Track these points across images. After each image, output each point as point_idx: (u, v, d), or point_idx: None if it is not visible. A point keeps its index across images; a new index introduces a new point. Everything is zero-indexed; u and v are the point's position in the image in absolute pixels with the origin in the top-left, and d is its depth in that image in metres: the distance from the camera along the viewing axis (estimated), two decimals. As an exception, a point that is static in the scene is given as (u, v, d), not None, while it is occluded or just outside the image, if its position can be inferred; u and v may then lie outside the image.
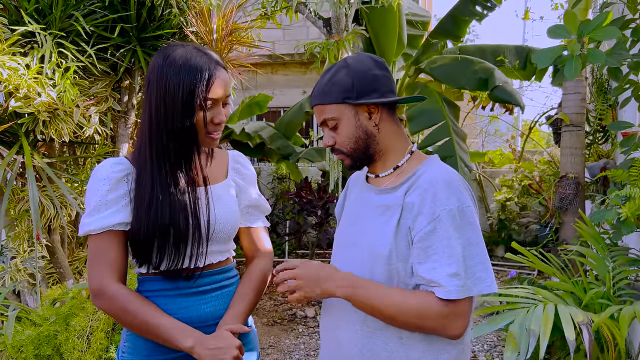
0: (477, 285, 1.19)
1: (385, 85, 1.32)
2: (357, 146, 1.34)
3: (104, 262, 1.37)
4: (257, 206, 1.62)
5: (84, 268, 3.37)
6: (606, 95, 4.22)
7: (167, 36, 2.95)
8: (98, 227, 1.36)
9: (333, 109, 1.32)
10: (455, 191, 1.24)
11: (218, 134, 1.45)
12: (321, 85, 1.34)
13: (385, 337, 1.28)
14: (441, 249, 1.20)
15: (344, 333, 1.34)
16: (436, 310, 1.19)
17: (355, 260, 1.34)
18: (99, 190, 1.38)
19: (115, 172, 1.41)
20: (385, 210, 1.31)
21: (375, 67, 1.32)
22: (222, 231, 1.47)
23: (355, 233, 1.37)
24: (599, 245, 2.83)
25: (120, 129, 3.16)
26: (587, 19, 2.15)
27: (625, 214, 2.27)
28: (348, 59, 1.34)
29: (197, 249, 1.43)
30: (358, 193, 1.46)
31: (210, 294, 1.48)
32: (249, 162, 1.65)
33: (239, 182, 1.58)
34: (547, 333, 2.00)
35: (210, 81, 1.38)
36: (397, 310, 1.21)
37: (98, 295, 1.36)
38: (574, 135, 3.54)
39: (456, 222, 1.20)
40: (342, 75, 1.31)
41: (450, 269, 1.18)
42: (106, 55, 2.82)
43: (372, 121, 1.33)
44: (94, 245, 1.38)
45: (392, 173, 1.36)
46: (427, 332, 1.23)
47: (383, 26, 5.53)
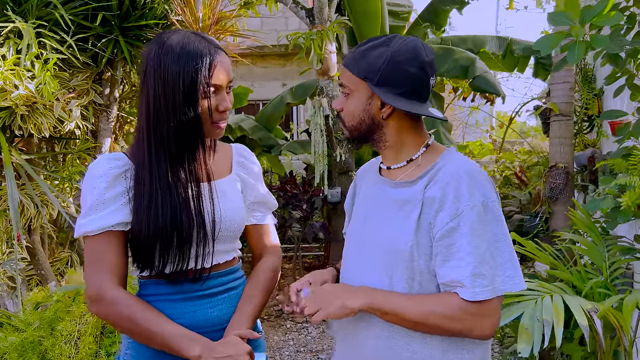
0: (505, 283, 1.13)
1: (412, 85, 1.21)
2: (359, 127, 1.27)
3: (102, 265, 1.27)
4: (264, 202, 1.54)
5: (66, 269, 3.24)
6: (591, 85, 4.24)
7: (151, 25, 2.82)
8: (96, 228, 1.26)
9: (352, 79, 1.25)
10: (478, 185, 1.17)
11: (224, 122, 1.36)
12: (358, 50, 1.25)
13: (407, 338, 1.22)
14: (465, 247, 1.13)
15: (364, 334, 1.28)
16: (462, 313, 1.13)
17: (373, 257, 1.27)
18: (96, 188, 1.28)
19: (112, 168, 1.31)
20: (403, 205, 1.24)
21: (415, 63, 1.20)
22: (228, 229, 1.39)
23: (370, 229, 1.30)
24: (594, 234, 2.83)
25: (102, 124, 3.02)
26: (589, 5, 2.11)
27: (626, 203, 2.26)
28: (397, 40, 1.22)
29: (203, 248, 1.34)
30: (370, 186, 1.38)
31: (217, 297, 1.40)
32: (254, 156, 1.56)
33: (244, 177, 1.49)
34: (560, 322, 1.98)
35: (212, 66, 1.29)
36: (422, 317, 1.15)
37: (97, 301, 1.26)
38: (563, 124, 3.54)
39: (481, 217, 1.14)
40: (378, 53, 1.21)
41: (474, 268, 1.12)
42: (87, 46, 2.68)
43: (381, 112, 1.24)
44: (91, 247, 1.28)
45: (406, 166, 1.28)
46: (456, 335, 1.18)
47: (365, 17, 5.47)
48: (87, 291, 1.27)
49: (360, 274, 1.27)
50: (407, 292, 1.21)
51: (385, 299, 1.18)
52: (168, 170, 1.31)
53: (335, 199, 4.93)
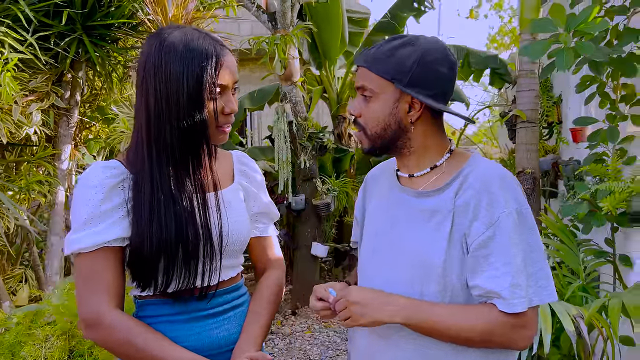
0: (539, 294, 1.09)
1: (443, 86, 1.16)
2: (384, 134, 1.19)
3: (98, 285, 1.14)
4: (267, 213, 1.44)
5: (19, 287, 2.98)
6: (549, 93, 4.39)
7: (118, 24, 2.65)
8: (90, 244, 1.13)
9: (377, 80, 1.16)
10: (512, 190, 1.13)
11: (229, 126, 1.26)
12: (380, 50, 1.17)
13: (438, 348, 1.15)
14: (502, 257, 1.08)
15: (394, 344, 1.20)
16: (501, 326, 1.08)
17: (401, 270, 1.19)
18: (91, 200, 1.15)
19: (108, 177, 1.18)
20: (432, 216, 1.17)
21: (445, 64, 1.16)
22: (235, 243, 1.29)
23: (397, 240, 1.22)
24: (567, 238, 2.89)
25: (61, 129, 2.80)
26: (573, 13, 2.15)
27: (607, 207, 2.31)
28: (422, 39, 1.17)
29: (210, 264, 1.23)
30: (387, 194, 1.30)
31: (222, 316, 1.29)
32: (255, 163, 1.46)
33: (247, 186, 1.39)
34: (548, 328, 1.99)
35: (218, 65, 1.19)
36: (460, 330, 1.09)
37: (93, 325, 1.14)
38: (529, 131, 3.62)
39: (516, 226, 1.09)
40: (406, 52, 1.14)
41: (512, 279, 1.07)
42: (49, 45, 2.47)
43: (409, 116, 1.17)
44: (85, 265, 1.15)
45: (430, 173, 1.21)
46: (494, 347, 1.13)
47: (327, 23, 5.44)
48: (82, 314, 1.15)
49: (387, 287, 1.19)
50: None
51: (423, 313, 1.11)
52: (171, 178, 1.20)
53: (299, 207, 4.85)
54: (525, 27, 3.64)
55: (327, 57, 5.89)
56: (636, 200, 2.31)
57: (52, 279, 2.83)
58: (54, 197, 2.77)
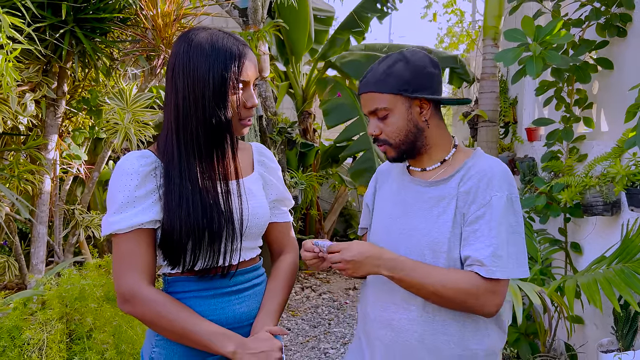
0: (516, 269, 1.28)
1: (436, 83, 1.38)
2: (407, 139, 1.38)
3: (133, 263, 1.26)
4: (283, 200, 1.56)
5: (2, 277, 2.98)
6: (505, 95, 4.71)
7: (111, 17, 2.70)
8: (127, 226, 1.25)
9: (387, 99, 1.34)
10: (506, 181, 1.32)
11: (250, 120, 1.38)
12: (377, 74, 1.36)
13: (443, 322, 1.33)
14: (487, 232, 1.27)
15: (401, 319, 1.37)
16: (476, 288, 1.26)
17: (413, 249, 1.36)
18: (127, 186, 1.27)
19: (142, 165, 1.29)
20: (438, 202, 1.35)
21: (431, 65, 1.37)
22: (255, 226, 1.41)
23: (406, 227, 1.39)
24: (527, 229, 3.19)
25: (49, 119, 2.82)
26: (539, 25, 2.41)
27: (564, 200, 2.59)
28: (406, 53, 1.37)
29: (232, 245, 1.36)
30: (399, 186, 1.48)
31: (244, 293, 1.41)
32: (272, 154, 1.59)
33: (266, 175, 1.51)
34: (519, 302, 2.23)
35: (241, 62, 1.30)
36: (437, 287, 1.26)
37: (129, 300, 1.25)
38: (490, 130, 3.91)
39: (505, 208, 1.29)
40: (401, 67, 1.34)
41: (495, 250, 1.26)
42: (45, 37, 2.50)
43: (422, 116, 1.37)
44: (121, 245, 1.27)
45: (440, 166, 1.41)
46: (467, 308, 1.29)
47: (295, 20, 5.58)
48: (119, 290, 1.26)
49: None
50: None
51: (406, 269, 1.28)
52: (197, 168, 1.32)
53: (268, 199, 4.97)
54: (488, 33, 3.93)
55: (294, 53, 6.03)
56: (589, 193, 2.60)
57: (37, 267, 2.86)
58: (41, 187, 2.80)
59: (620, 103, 2.71)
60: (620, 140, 2.49)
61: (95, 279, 2.41)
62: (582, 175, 2.69)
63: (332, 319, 4.66)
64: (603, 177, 2.54)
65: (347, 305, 5.02)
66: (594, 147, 2.95)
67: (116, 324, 2.35)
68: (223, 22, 6.45)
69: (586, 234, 3.03)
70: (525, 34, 2.38)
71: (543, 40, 2.36)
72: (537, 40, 2.36)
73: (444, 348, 1.33)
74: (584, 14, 2.83)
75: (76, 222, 3.22)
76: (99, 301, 2.33)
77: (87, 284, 2.33)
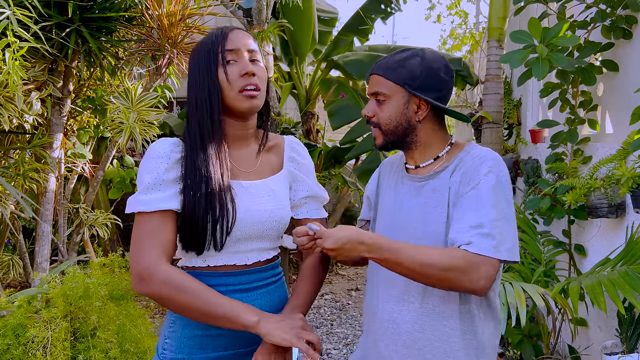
0: (506, 253, 1.24)
1: (444, 90, 1.37)
2: (396, 130, 1.38)
3: (155, 242, 1.24)
4: (315, 197, 1.52)
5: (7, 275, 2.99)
6: (509, 96, 4.71)
7: (116, 16, 2.71)
8: (153, 207, 1.25)
9: (389, 86, 1.36)
10: (496, 166, 1.31)
11: (253, 90, 1.32)
12: (390, 61, 1.37)
13: (444, 313, 1.34)
14: (474, 210, 1.25)
15: (401, 311, 1.38)
16: (462, 261, 1.20)
17: (412, 241, 1.36)
18: (157, 168, 1.28)
19: (174, 152, 1.31)
20: (432, 193, 1.36)
21: (445, 71, 1.37)
22: (272, 228, 1.40)
23: (404, 220, 1.40)
24: (530, 230, 3.18)
25: (54, 118, 2.83)
26: (546, 27, 2.41)
27: (569, 201, 2.59)
28: (426, 51, 1.38)
29: (246, 245, 1.36)
30: (397, 181, 1.49)
31: (256, 291, 1.41)
32: (305, 149, 1.55)
33: (295, 172, 1.49)
34: (523, 304, 2.23)
35: (225, 35, 1.32)
36: (422, 264, 1.21)
37: (147, 278, 1.21)
38: (494, 131, 3.91)
39: (494, 189, 1.27)
40: (415, 62, 1.34)
41: (480, 226, 1.23)
42: (51, 35, 2.51)
43: (417, 115, 1.37)
44: (144, 224, 1.26)
45: (433, 163, 1.42)
46: (455, 285, 1.23)
47: (299, 21, 5.58)
48: (137, 268, 1.22)
49: None
50: None
51: (389, 251, 1.23)
52: (205, 161, 1.32)
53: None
54: (492, 35, 3.93)
55: (298, 54, 6.04)
56: (594, 195, 2.60)
57: (42, 265, 2.86)
58: (46, 185, 2.81)
59: (626, 105, 2.70)
60: (626, 142, 2.48)
61: (100, 278, 2.42)
62: (587, 177, 2.68)
63: (334, 319, 4.66)
64: (608, 179, 2.54)
65: (349, 306, 5.02)
66: (599, 149, 2.94)
67: (120, 322, 2.35)
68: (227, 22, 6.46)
69: (590, 236, 3.03)
70: (532, 36, 2.38)
71: (549, 43, 2.36)
72: (543, 42, 2.35)
73: (445, 339, 1.33)
74: (590, 16, 2.82)
75: (80, 220, 3.22)
76: (103, 300, 2.34)
77: (92, 282, 2.33)
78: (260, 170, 1.42)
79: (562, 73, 2.69)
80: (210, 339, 1.35)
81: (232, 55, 1.32)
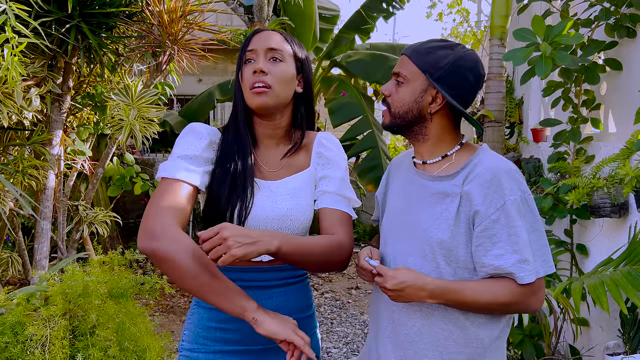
0: (543, 267, 1.28)
1: (466, 92, 1.33)
2: (406, 116, 1.35)
3: (172, 205, 1.23)
4: (339, 193, 1.44)
5: (6, 272, 2.97)
6: (511, 95, 4.69)
7: (117, 12, 2.69)
8: (182, 177, 1.28)
9: (412, 70, 1.32)
10: (517, 181, 1.29)
11: (261, 88, 1.32)
12: (423, 46, 1.34)
13: (443, 317, 1.32)
14: (506, 237, 1.25)
15: (401, 313, 1.36)
16: (517, 295, 1.27)
17: (414, 248, 1.35)
18: (196, 142, 1.35)
19: (210, 134, 1.38)
20: (442, 198, 1.33)
21: (474, 75, 1.32)
22: (292, 228, 1.37)
23: (409, 220, 1.38)
24: (532, 229, 3.16)
25: (53, 114, 2.81)
26: (550, 25, 2.39)
27: (571, 201, 2.57)
28: (462, 49, 1.33)
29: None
30: (406, 178, 1.46)
31: (272, 290, 1.40)
32: (337, 144, 1.50)
33: (321, 169, 1.45)
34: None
35: (250, 37, 1.38)
36: (484, 305, 1.28)
37: (158, 234, 1.16)
38: (495, 130, 3.89)
39: (520, 210, 1.26)
40: (444, 54, 1.31)
41: (519, 255, 1.24)
42: (51, 31, 2.49)
43: (429, 107, 1.34)
44: (167, 187, 1.26)
45: (441, 161, 1.38)
46: (514, 312, 1.33)
47: (300, 18, 5.56)
48: (149, 226, 1.18)
49: (404, 257, 1.37)
50: (452, 276, 1.31)
51: (449, 295, 1.27)
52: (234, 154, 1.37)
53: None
54: (494, 33, 3.91)
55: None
56: (597, 194, 2.58)
57: (41, 262, 2.85)
58: (46, 182, 2.79)
59: (629, 104, 2.68)
60: (629, 141, 2.46)
61: (99, 276, 2.40)
62: (590, 177, 2.67)
63: (334, 318, 4.65)
64: (611, 178, 2.52)
65: (349, 305, 5.01)
66: (602, 149, 2.93)
67: (119, 320, 2.34)
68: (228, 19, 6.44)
69: (593, 236, 3.01)
70: (535, 34, 2.36)
71: (553, 40, 2.34)
72: (547, 40, 2.33)
73: (442, 343, 1.33)
74: (593, 14, 2.80)
75: (80, 218, 3.21)
76: (102, 298, 2.32)
77: (91, 280, 2.32)
78: (285, 170, 1.42)
79: (565, 71, 2.67)
80: (223, 332, 1.38)
81: (251, 55, 1.36)
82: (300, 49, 1.43)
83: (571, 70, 2.75)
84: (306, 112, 1.47)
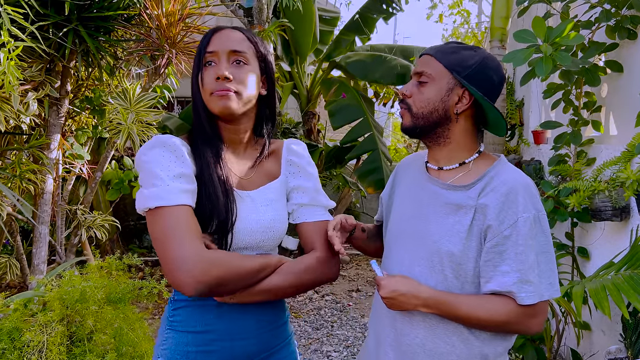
0: (548, 290, 1.24)
1: (491, 93, 1.31)
2: (430, 116, 1.31)
3: (188, 230, 1.16)
4: (313, 201, 1.43)
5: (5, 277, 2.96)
6: (512, 97, 4.67)
7: (115, 16, 2.67)
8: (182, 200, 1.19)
9: (438, 68, 1.29)
10: (533, 198, 1.26)
11: (224, 91, 1.24)
12: (446, 46, 1.32)
13: (447, 330, 1.30)
14: (514, 255, 1.22)
15: (404, 322, 1.34)
16: (515, 316, 1.24)
17: (422, 256, 1.32)
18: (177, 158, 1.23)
19: (183, 144, 1.26)
20: (456, 210, 1.30)
21: (497, 75, 1.31)
22: (268, 239, 1.34)
23: (418, 228, 1.35)
24: (533, 232, 3.14)
25: (51, 118, 2.80)
26: (550, 26, 2.37)
27: (572, 204, 2.55)
28: (484, 50, 1.32)
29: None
30: (416, 182, 1.42)
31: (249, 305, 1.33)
32: (304, 147, 1.47)
33: (291, 178, 1.43)
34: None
35: (209, 36, 1.30)
36: (479, 321, 1.26)
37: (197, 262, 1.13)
38: (496, 132, 3.86)
39: (532, 229, 1.23)
40: (469, 53, 1.29)
41: (522, 275, 1.22)
42: (48, 35, 2.48)
43: (456, 107, 1.30)
44: (171, 217, 1.16)
45: (458, 168, 1.34)
46: (511, 332, 1.30)
47: (300, 20, 5.55)
48: (181, 257, 1.13)
49: (410, 267, 1.34)
50: (459, 290, 1.29)
51: (444, 306, 1.26)
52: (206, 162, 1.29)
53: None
54: (495, 35, 3.89)
55: (299, 53, 6.00)
56: (598, 198, 2.56)
57: (39, 267, 2.83)
58: (44, 186, 2.78)
59: (630, 106, 2.66)
60: (630, 144, 2.44)
61: (97, 281, 2.39)
62: (591, 180, 2.65)
63: (335, 321, 4.62)
64: (612, 181, 2.50)
65: (350, 308, 4.99)
66: (603, 151, 2.90)
67: (117, 326, 2.32)
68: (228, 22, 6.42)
69: (594, 239, 2.99)
70: (536, 35, 2.34)
71: (553, 42, 2.32)
72: (547, 42, 2.32)
73: (445, 357, 1.30)
74: (594, 16, 2.78)
75: (78, 222, 3.20)
76: (100, 303, 2.31)
77: (89, 285, 2.30)
78: (257, 178, 1.37)
79: (565, 73, 2.65)
80: (203, 355, 1.30)
81: (211, 57, 1.28)
82: (262, 44, 1.35)
83: (572, 72, 2.73)
84: (270, 114, 1.42)
